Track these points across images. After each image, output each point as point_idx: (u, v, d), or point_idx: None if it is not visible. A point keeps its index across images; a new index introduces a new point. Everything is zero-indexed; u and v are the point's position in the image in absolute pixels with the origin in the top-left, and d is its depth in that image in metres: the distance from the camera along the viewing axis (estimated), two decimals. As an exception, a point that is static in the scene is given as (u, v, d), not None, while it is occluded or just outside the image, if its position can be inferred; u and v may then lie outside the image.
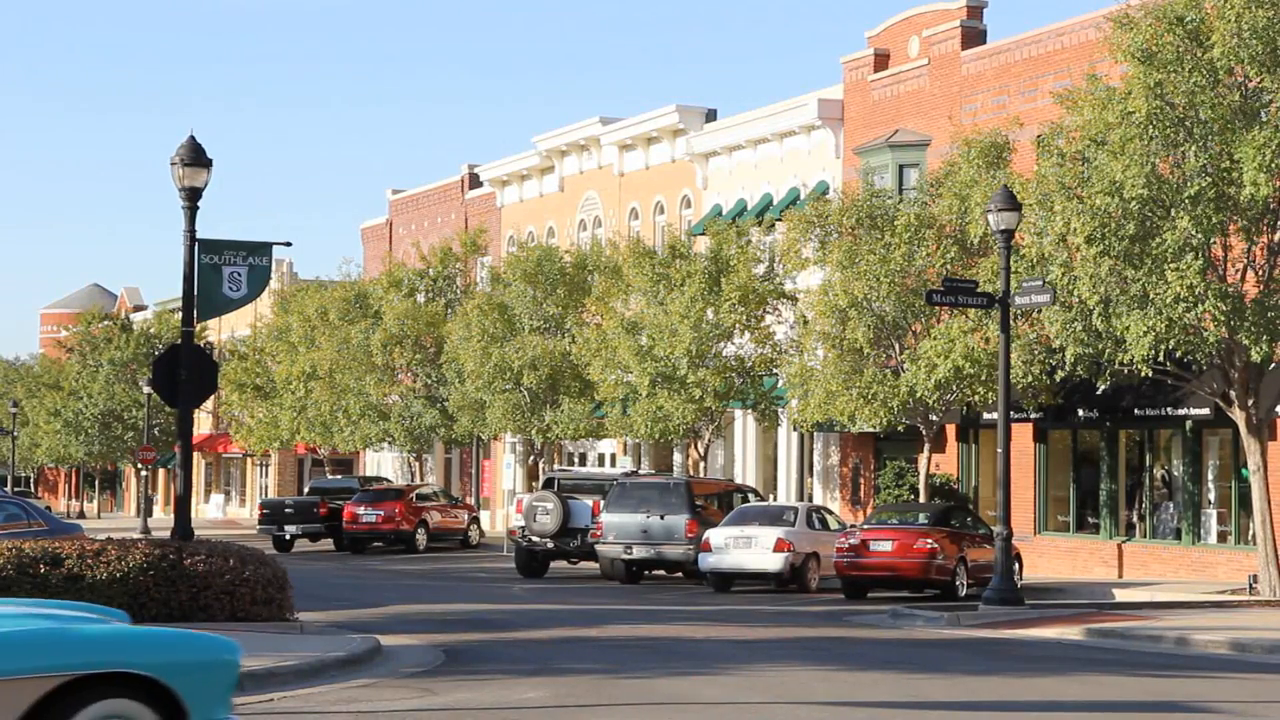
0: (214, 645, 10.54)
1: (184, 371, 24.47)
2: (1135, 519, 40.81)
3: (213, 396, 50.54)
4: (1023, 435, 41.47)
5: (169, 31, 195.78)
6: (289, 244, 27.27)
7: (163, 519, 72.33)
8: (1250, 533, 36.21)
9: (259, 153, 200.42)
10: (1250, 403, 32.64)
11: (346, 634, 23.07)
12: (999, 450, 30.72)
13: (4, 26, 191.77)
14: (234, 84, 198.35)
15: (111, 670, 9.72)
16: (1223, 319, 30.46)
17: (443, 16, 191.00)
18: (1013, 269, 31.33)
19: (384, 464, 75.88)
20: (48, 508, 62.52)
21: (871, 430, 42.37)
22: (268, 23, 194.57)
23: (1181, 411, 37.59)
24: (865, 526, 35.94)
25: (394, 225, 77.98)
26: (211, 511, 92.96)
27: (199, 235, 24.59)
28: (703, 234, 50.22)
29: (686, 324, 45.62)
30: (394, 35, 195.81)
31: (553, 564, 42.93)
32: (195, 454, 72.22)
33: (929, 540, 34.17)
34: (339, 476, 71.49)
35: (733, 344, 46.64)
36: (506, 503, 60.06)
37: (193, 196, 24.48)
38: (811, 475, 50.75)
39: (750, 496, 42.28)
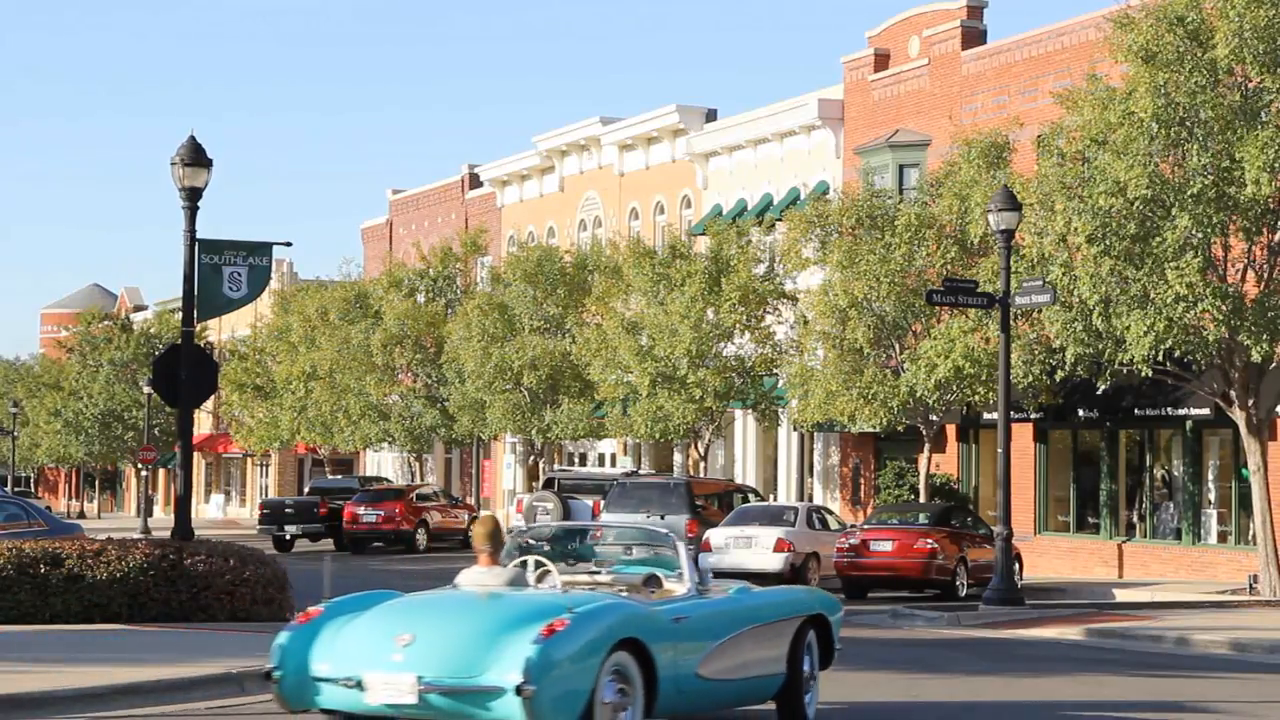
0: (837, 602, 16.32)
1: (184, 371, 24.46)
2: (1135, 519, 40.81)
3: (213, 396, 50.49)
4: (1023, 435, 41.46)
5: (170, 32, 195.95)
6: (289, 244, 27.29)
7: (163, 519, 72.28)
8: (1250, 533, 36.21)
9: (259, 153, 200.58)
10: (1250, 402, 32.64)
11: (346, 634, 22.99)
12: (999, 450, 30.72)
13: (4, 26, 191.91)
14: (235, 84, 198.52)
15: (814, 613, 15.53)
16: (1223, 318, 30.47)
17: (443, 16, 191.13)
18: (1013, 269, 31.34)
19: (384, 464, 75.87)
20: (48, 508, 62.48)
21: (871, 430, 42.37)
22: (268, 23, 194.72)
23: (1182, 411, 37.59)
24: (865, 526, 35.95)
25: (394, 225, 77.97)
26: (211, 511, 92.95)
27: (199, 235, 24.60)
28: (703, 234, 50.21)
29: (686, 324, 45.62)
30: (394, 35, 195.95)
31: (553, 564, 42.84)
32: (195, 454, 72.25)
33: (929, 540, 34.17)
34: (339, 476, 71.46)
35: (733, 344, 46.63)
36: (507, 503, 60.09)
37: (193, 196, 24.48)
38: (812, 475, 50.74)
39: (750, 496, 42.26)
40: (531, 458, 59.13)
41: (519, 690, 12.12)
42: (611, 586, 14.54)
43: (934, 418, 40.90)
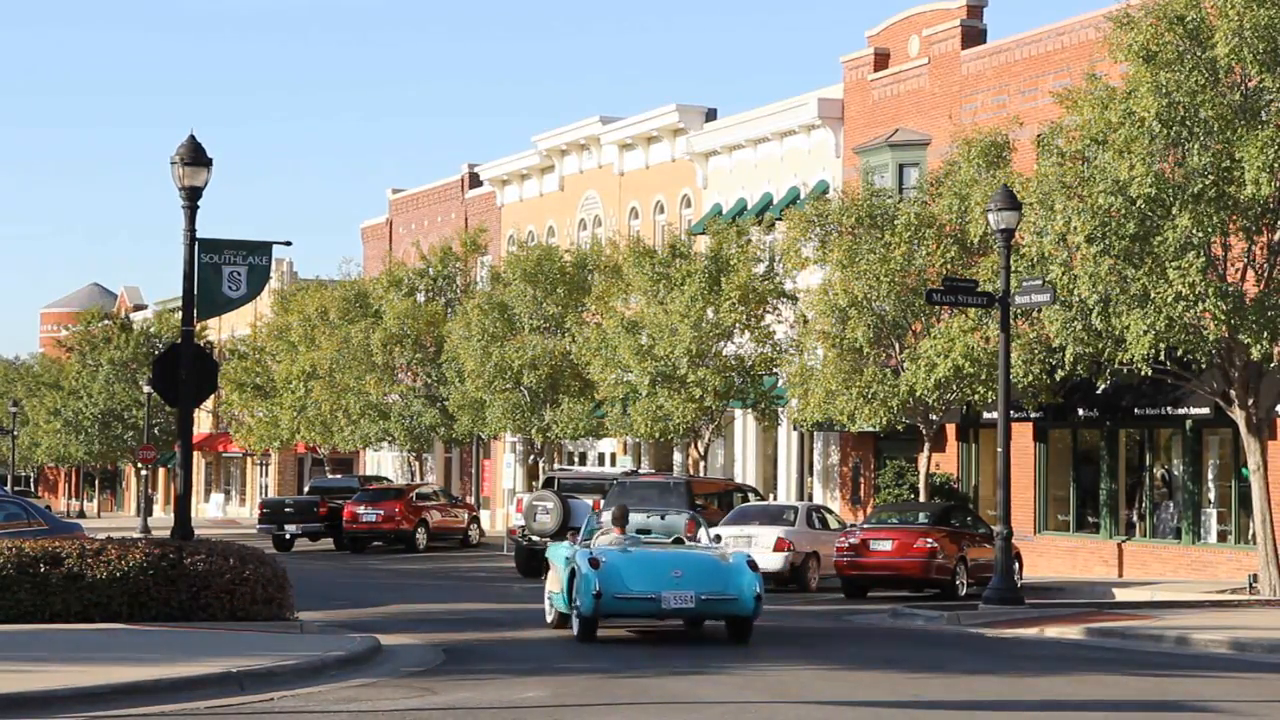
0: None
1: (184, 371, 24.49)
2: (1135, 518, 40.81)
3: (213, 396, 50.43)
4: (1023, 435, 41.47)
5: (169, 31, 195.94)
6: (289, 243, 27.33)
7: (163, 518, 72.29)
8: (1250, 532, 36.21)
9: (259, 152, 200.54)
10: (1250, 402, 32.64)
11: (346, 633, 23.08)
12: (999, 450, 30.72)
13: (4, 26, 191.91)
14: (234, 83, 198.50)
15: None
16: (1223, 318, 30.47)
17: (443, 16, 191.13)
18: (1013, 268, 31.33)
19: (384, 463, 75.88)
20: (48, 507, 62.50)
21: (871, 430, 42.36)
22: (268, 22, 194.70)
23: (1181, 411, 37.58)
24: (865, 526, 35.94)
25: (394, 224, 77.97)
26: (211, 511, 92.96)
27: (199, 235, 24.62)
28: (703, 233, 50.20)
29: (686, 323, 45.61)
30: (394, 34, 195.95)
31: (553, 563, 42.84)
32: (195, 453, 72.23)
33: (929, 540, 34.17)
34: (339, 476, 71.45)
35: (733, 343, 46.62)
36: (506, 502, 60.05)
37: (193, 196, 24.52)
38: (811, 475, 50.73)
39: (750, 496, 42.26)
40: (531, 457, 59.13)
41: (757, 598, 23.31)
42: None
43: (934, 417, 40.90)
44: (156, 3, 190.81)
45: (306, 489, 66.14)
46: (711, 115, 56.83)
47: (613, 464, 57.37)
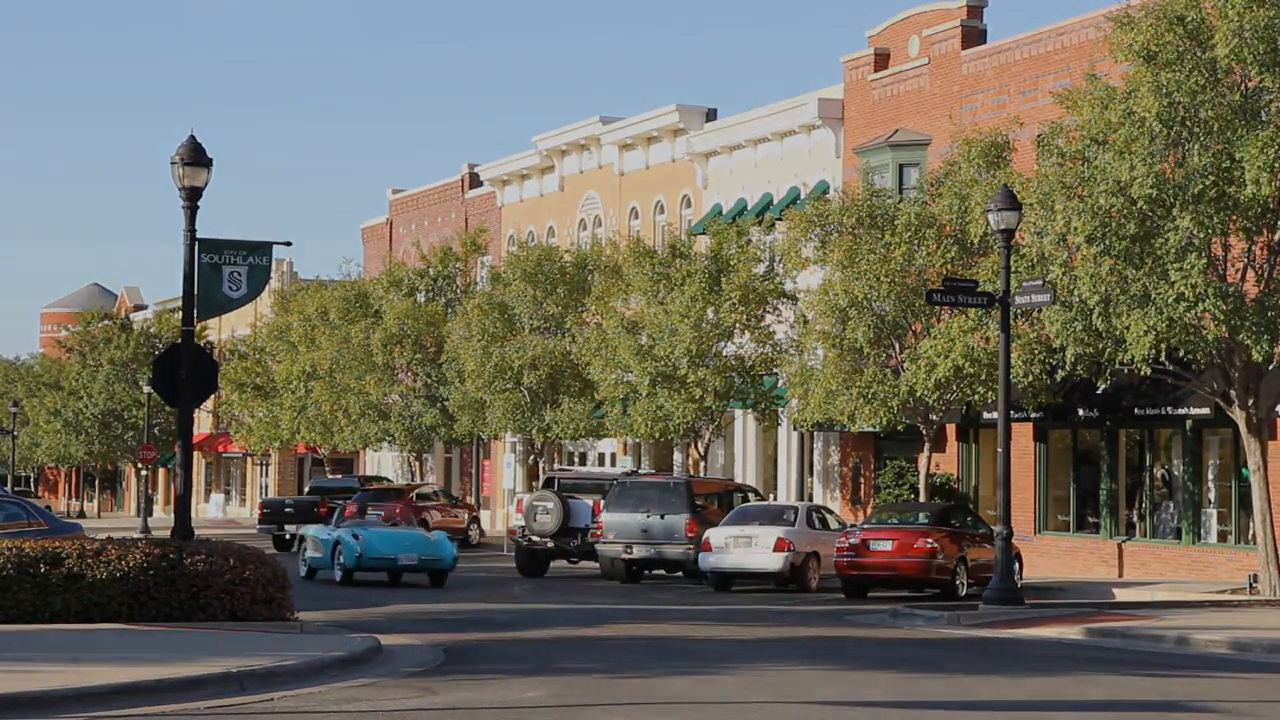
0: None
1: (184, 371, 24.50)
2: (1135, 518, 40.81)
3: (213, 396, 50.38)
4: (1023, 435, 41.47)
5: (169, 31, 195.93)
6: (289, 243, 27.36)
7: (163, 518, 72.26)
8: (1250, 532, 36.21)
9: (259, 153, 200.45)
10: (1250, 402, 32.65)
11: (346, 634, 23.08)
12: (999, 450, 30.73)
13: (4, 26, 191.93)
14: (234, 84, 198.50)
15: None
16: (1223, 318, 30.47)
17: (443, 16, 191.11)
18: (1013, 268, 31.33)
19: (384, 463, 75.87)
20: (48, 507, 62.47)
21: (871, 430, 42.37)
22: (268, 22, 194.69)
23: (1181, 411, 37.58)
24: (865, 526, 35.95)
25: (394, 225, 77.96)
26: (211, 511, 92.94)
27: (199, 235, 24.63)
28: (703, 233, 50.20)
29: (686, 323, 45.61)
30: (394, 35, 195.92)
31: (553, 563, 42.94)
32: (195, 453, 72.21)
33: (929, 540, 34.17)
34: (339, 476, 71.45)
35: (733, 343, 46.62)
36: (506, 502, 60.05)
37: (193, 196, 24.53)
38: (811, 475, 50.73)
39: (750, 496, 42.24)
40: (531, 457, 59.13)
41: (454, 559, 37.23)
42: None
43: (934, 417, 40.89)
44: (158, 2, 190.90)
45: (306, 489, 66.14)
46: (711, 115, 56.82)
47: (613, 464, 57.38)
